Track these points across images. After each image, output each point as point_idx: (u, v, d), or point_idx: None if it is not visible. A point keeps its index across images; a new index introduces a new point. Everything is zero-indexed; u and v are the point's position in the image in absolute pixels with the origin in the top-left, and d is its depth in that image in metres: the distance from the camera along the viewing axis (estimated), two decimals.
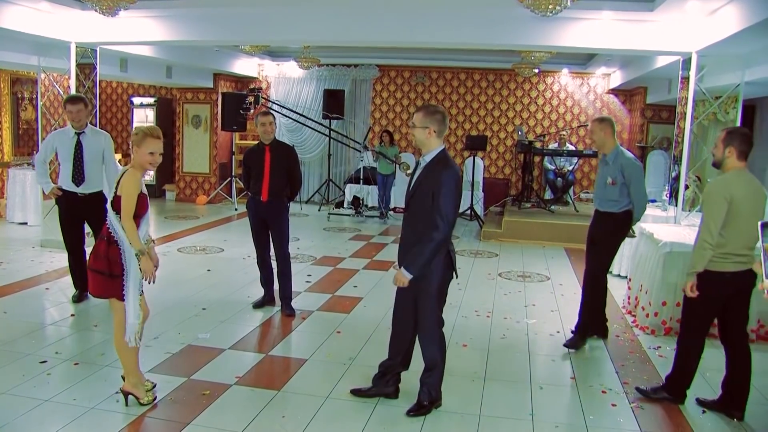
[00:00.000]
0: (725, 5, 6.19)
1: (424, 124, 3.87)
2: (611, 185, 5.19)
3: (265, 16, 8.12)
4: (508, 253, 9.41)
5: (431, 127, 3.86)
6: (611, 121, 5.32)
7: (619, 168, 5.18)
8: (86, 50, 8.67)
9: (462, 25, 7.66)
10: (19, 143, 11.80)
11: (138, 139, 3.95)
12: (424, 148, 3.97)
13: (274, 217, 5.95)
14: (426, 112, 3.90)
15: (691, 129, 7.48)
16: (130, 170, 3.96)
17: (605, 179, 5.24)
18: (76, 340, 5.24)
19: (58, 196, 6.04)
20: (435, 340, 4.04)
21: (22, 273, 7.17)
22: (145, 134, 3.96)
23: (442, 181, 3.80)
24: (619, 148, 5.29)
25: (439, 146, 3.93)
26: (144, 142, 3.94)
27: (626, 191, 5.16)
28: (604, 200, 5.30)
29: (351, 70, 13.93)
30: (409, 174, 4.88)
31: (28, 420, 3.77)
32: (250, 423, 3.85)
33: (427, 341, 4.04)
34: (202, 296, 6.54)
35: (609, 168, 5.24)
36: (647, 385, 4.51)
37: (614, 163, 5.21)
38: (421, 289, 3.96)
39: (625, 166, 5.15)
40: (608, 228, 5.31)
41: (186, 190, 14.16)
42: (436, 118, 3.87)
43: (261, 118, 5.89)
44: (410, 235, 3.97)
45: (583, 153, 11.69)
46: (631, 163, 5.18)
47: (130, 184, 3.88)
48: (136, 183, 3.90)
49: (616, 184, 5.17)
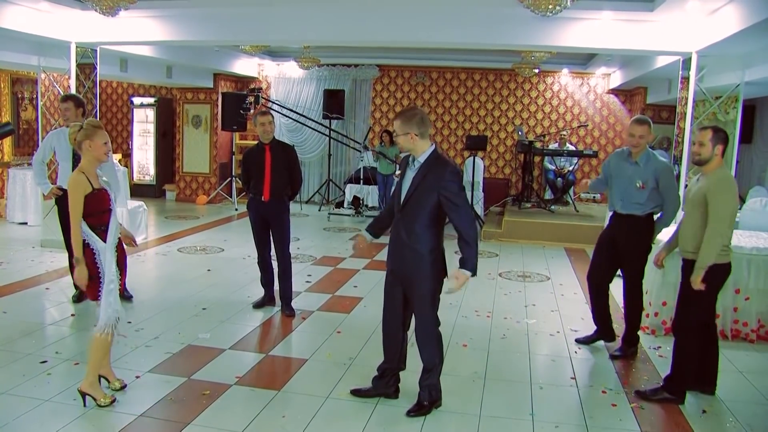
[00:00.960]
0: (725, 5, 6.19)
1: (404, 130, 3.85)
2: (641, 189, 4.92)
3: (265, 16, 8.12)
4: (508, 253, 9.41)
5: (412, 132, 3.84)
6: (651, 122, 5.12)
7: (652, 172, 4.92)
8: (86, 50, 8.68)
9: (462, 25, 7.67)
10: (19, 143, 11.80)
11: (88, 133, 3.92)
12: (413, 152, 3.93)
13: (275, 216, 5.95)
14: (403, 118, 3.87)
15: (692, 129, 7.48)
16: (75, 174, 3.94)
17: (633, 181, 4.95)
18: (77, 339, 5.23)
19: (58, 196, 6.05)
20: (433, 340, 4.03)
21: (23, 273, 7.17)
22: (93, 127, 3.96)
23: (450, 179, 3.80)
24: (650, 150, 5.08)
25: (429, 146, 3.91)
26: (95, 135, 3.93)
27: (655, 196, 4.94)
28: (629, 202, 5.00)
29: (351, 70, 13.93)
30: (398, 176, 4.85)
31: (29, 420, 3.77)
32: (250, 423, 3.85)
33: (425, 342, 4.03)
34: (202, 296, 6.54)
35: (639, 170, 4.96)
36: (646, 387, 4.52)
37: (646, 166, 4.97)
38: (416, 291, 3.95)
39: (660, 171, 4.93)
40: (636, 232, 5.03)
41: (186, 190, 14.16)
42: (415, 121, 3.84)
43: (260, 118, 5.87)
44: (404, 236, 3.93)
45: (583, 153, 11.69)
46: (667, 168, 5.00)
47: (72, 189, 3.88)
48: (78, 186, 3.88)
49: (646, 188, 4.91)
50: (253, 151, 6.00)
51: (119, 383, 4.21)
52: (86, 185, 3.89)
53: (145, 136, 14.07)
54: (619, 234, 5.11)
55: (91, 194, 3.91)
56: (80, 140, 3.93)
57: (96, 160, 3.98)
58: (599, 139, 13.43)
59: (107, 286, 3.94)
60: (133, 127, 14.11)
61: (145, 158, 14.16)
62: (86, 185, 3.89)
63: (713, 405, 4.34)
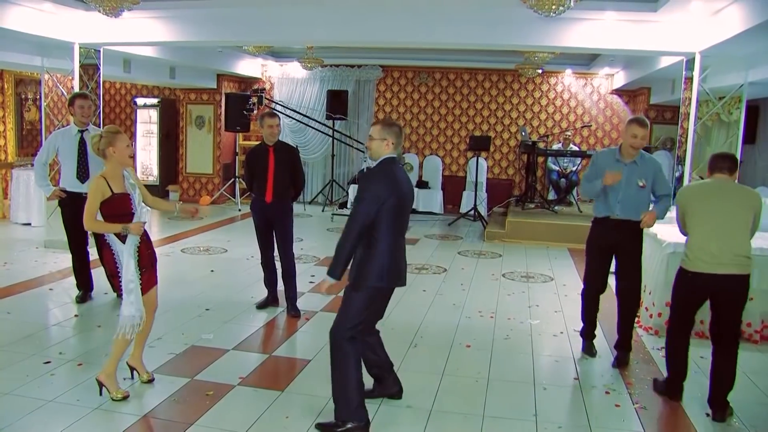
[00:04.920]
0: (729, 5, 6.18)
1: (382, 136, 3.80)
2: (642, 188, 4.86)
3: (268, 16, 8.13)
4: (511, 253, 9.40)
5: (389, 139, 3.79)
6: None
7: (651, 170, 4.91)
8: (89, 51, 8.70)
9: (465, 26, 7.66)
10: (22, 144, 11.84)
11: (109, 140, 4.03)
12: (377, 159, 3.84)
13: (279, 217, 5.96)
14: (383, 125, 3.84)
15: (695, 129, 7.48)
16: (96, 178, 4.07)
17: (633, 182, 4.85)
18: (80, 340, 5.24)
19: (62, 198, 6.05)
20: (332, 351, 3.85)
21: (26, 274, 7.19)
22: (113, 133, 4.07)
23: (360, 183, 3.79)
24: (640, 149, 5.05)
25: (387, 155, 3.81)
26: (117, 140, 4.05)
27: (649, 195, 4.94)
28: (630, 207, 4.88)
29: (354, 70, 13.93)
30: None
31: (32, 420, 3.77)
32: (253, 423, 3.86)
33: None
34: (205, 297, 6.55)
35: (638, 169, 4.88)
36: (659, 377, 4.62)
37: (644, 164, 4.93)
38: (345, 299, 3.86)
39: (658, 168, 4.93)
40: (636, 237, 4.97)
41: (189, 190, 14.18)
42: (394, 130, 3.81)
43: (268, 120, 5.89)
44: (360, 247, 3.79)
45: (586, 153, 11.67)
46: (656, 161, 5.00)
47: (90, 192, 4.02)
48: (96, 191, 3.99)
49: (646, 186, 4.86)
50: (257, 152, 6.00)
51: (147, 376, 4.32)
52: (105, 190, 4.00)
53: (149, 137, 14.10)
54: (620, 241, 4.95)
55: (110, 198, 4.02)
56: (103, 148, 4.05)
57: (120, 165, 4.10)
58: (603, 139, 13.41)
59: (126, 285, 4.00)
60: (137, 127, 14.14)
61: (149, 159, 14.19)
62: (105, 190, 4.00)
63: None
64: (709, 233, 4.14)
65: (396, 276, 3.82)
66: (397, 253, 3.82)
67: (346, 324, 3.76)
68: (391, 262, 3.75)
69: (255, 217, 6.08)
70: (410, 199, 3.93)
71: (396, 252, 3.79)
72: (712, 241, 4.12)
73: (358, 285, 3.76)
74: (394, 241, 3.77)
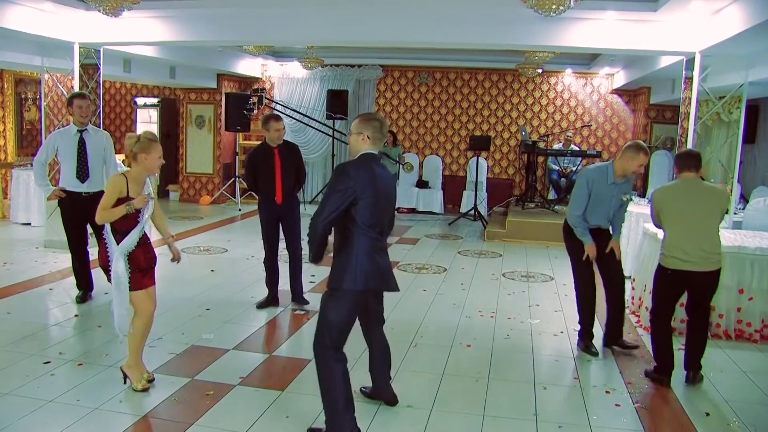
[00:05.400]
0: (729, 5, 6.17)
1: (359, 129, 3.71)
2: (625, 201, 5.24)
3: (268, 16, 8.13)
4: (511, 253, 9.40)
5: (365, 133, 3.69)
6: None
7: (630, 183, 5.27)
8: (90, 50, 8.69)
9: (465, 25, 7.66)
10: (22, 144, 11.84)
11: (144, 146, 4.09)
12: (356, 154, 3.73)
13: (287, 213, 6.13)
14: (362, 118, 3.76)
15: (695, 129, 7.47)
16: (118, 175, 4.15)
17: (619, 197, 5.17)
18: (80, 340, 5.24)
19: (61, 197, 6.05)
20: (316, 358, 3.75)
21: (26, 273, 7.19)
22: (150, 141, 4.12)
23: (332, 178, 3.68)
24: None
25: (365, 150, 3.70)
26: (152, 148, 4.12)
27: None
28: (607, 218, 5.22)
29: (354, 70, 13.93)
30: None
31: (32, 420, 3.77)
32: (254, 423, 3.86)
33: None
34: (205, 297, 6.55)
35: (625, 186, 5.18)
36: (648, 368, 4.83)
37: (627, 180, 5.20)
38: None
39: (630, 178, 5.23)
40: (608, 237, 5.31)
41: (190, 190, 14.17)
42: (372, 124, 3.70)
43: (275, 124, 5.99)
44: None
45: (587, 153, 11.67)
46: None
47: (109, 186, 4.11)
48: (114, 186, 4.06)
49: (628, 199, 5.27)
50: (260, 153, 6.05)
51: (147, 376, 4.31)
52: (123, 189, 4.06)
53: None
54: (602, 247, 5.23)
55: (124, 200, 4.04)
56: (136, 152, 4.09)
57: (146, 171, 4.16)
58: (603, 139, 13.41)
59: (116, 286, 4.03)
60: (137, 127, 14.11)
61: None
62: (123, 189, 4.06)
63: (717, 405, 4.33)
64: (681, 234, 4.51)
65: (375, 278, 3.60)
66: (376, 255, 3.62)
67: (325, 334, 3.62)
68: (368, 262, 3.56)
69: (263, 216, 6.18)
70: (389, 199, 3.78)
71: (374, 253, 3.60)
72: (685, 242, 4.49)
73: (333, 291, 3.62)
74: (369, 241, 3.58)
